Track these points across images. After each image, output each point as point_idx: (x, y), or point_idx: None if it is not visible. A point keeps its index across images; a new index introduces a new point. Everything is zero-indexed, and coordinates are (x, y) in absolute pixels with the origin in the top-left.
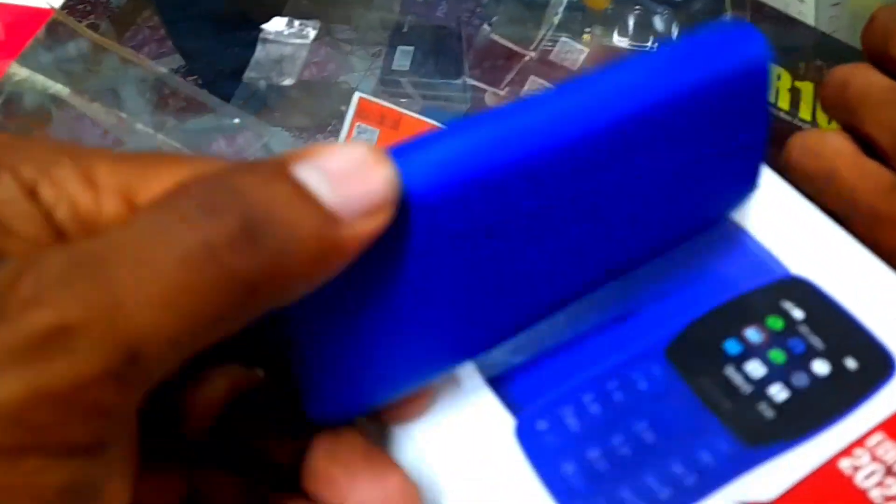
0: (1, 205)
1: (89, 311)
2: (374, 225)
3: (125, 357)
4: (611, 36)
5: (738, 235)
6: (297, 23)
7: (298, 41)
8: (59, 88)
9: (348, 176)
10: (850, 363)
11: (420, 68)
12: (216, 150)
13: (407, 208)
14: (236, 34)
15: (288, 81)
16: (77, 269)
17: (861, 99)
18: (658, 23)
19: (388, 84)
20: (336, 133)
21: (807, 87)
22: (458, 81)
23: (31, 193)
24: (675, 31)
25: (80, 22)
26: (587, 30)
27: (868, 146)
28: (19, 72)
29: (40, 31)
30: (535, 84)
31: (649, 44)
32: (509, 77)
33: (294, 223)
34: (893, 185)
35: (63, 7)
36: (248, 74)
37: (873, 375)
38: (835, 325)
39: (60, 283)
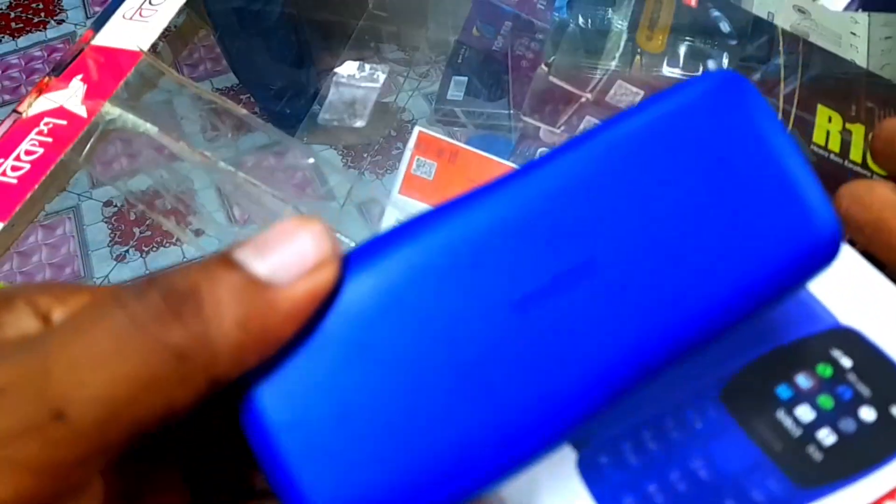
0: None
1: (18, 376)
2: (314, 285)
3: (49, 413)
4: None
5: None
6: (367, 67)
7: (369, 84)
8: (148, 127)
9: (275, 241)
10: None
11: (474, 99)
12: (266, 167)
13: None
14: (286, 53)
15: (359, 123)
16: (19, 346)
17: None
18: (711, 65)
19: (443, 113)
20: (385, 153)
21: (858, 130)
22: (506, 112)
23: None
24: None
25: (161, 33)
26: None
27: None
28: (111, 111)
29: (130, 73)
30: (590, 123)
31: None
32: (566, 117)
33: (218, 292)
34: None
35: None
36: (323, 116)
37: None
38: (882, 374)
39: (2, 356)
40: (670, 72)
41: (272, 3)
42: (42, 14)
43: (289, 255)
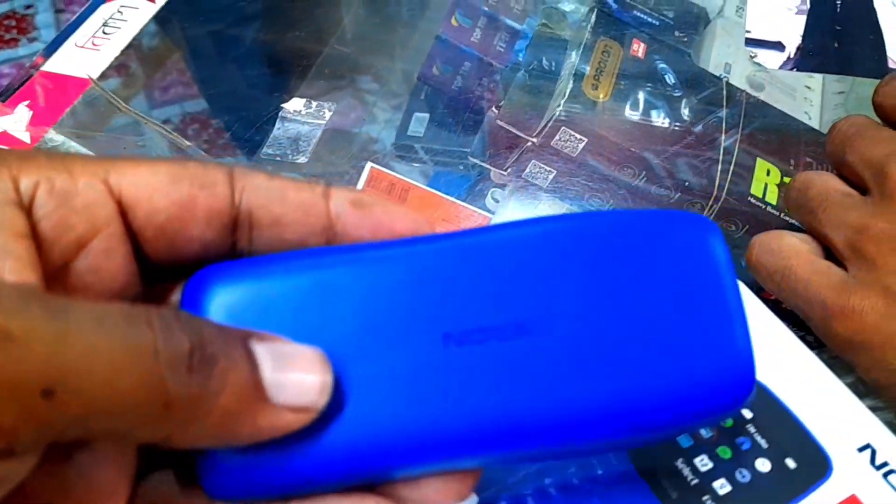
0: None
1: (34, 333)
2: (290, 423)
3: (41, 385)
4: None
5: None
6: (314, 103)
7: (315, 121)
8: (87, 154)
9: (293, 364)
10: (791, 463)
11: (434, 136)
12: None
13: None
14: (258, 80)
15: (302, 160)
16: (40, 300)
17: (819, 201)
18: (655, 115)
19: (402, 148)
20: (353, 182)
21: None
22: (467, 150)
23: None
24: (681, 114)
25: (111, 63)
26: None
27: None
28: (55, 138)
29: (77, 100)
30: (535, 167)
31: (655, 119)
32: (512, 159)
33: (228, 376)
34: (842, 281)
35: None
36: (265, 151)
37: (810, 475)
38: (780, 426)
39: (25, 302)
40: (630, 114)
41: (246, 29)
42: (14, 31)
43: (295, 385)
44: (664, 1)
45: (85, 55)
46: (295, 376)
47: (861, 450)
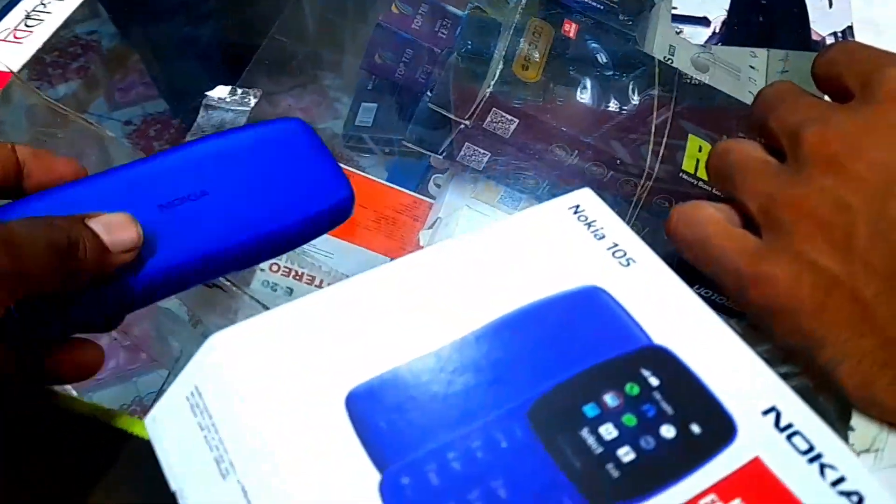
0: None
1: None
2: (125, 258)
3: None
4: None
5: (609, 304)
6: (239, 91)
7: (240, 108)
8: None
9: (116, 229)
10: (695, 428)
11: (383, 125)
12: None
13: None
14: (217, 78)
15: None
16: None
17: (737, 168)
18: (586, 95)
19: (352, 139)
20: None
21: None
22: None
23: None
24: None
25: (69, 64)
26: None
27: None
28: None
29: None
30: (470, 149)
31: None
32: (446, 143)
33: (85, 245)
34: (756, 249)
35: (44, 52)
36: (189, 139)
37: (715, 441)
38: (686, 392)
39: None
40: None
41: (202, 27)
42: None
43: (122, 239)
44: None
45: (6, 48)
46: (119, 234)
47: (766, 413)
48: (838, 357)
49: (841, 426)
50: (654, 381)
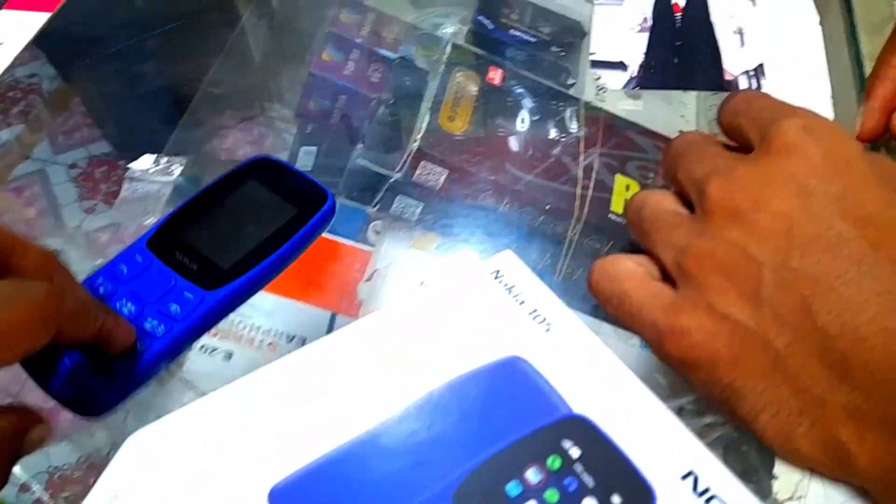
0: None
1: None
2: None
3: None
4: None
5: (530, 375)
6: (164, 160)
7: (164, 179)
8: None
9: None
10: (616, 499)
11: (324, 169)
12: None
13: None
14: (162, 117)
15: (150, 220)
16: None
17: (651, 220)
18: (512, 142)
19: None
20: None
21: None
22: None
23: None
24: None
25: (11, 108)
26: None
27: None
28: None
29: None
30: (402, 201)
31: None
32: (379, 196)
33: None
34: (672, 302)
35: None
36: (114, 214)
37: None
38: (606, 462)
39: None
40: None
41: (144, 66)
42: None
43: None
44: (539, 17)
45: None
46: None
47: (684, 477)
48: (757, 408)
49: (765, 475)
50: (574, 453)
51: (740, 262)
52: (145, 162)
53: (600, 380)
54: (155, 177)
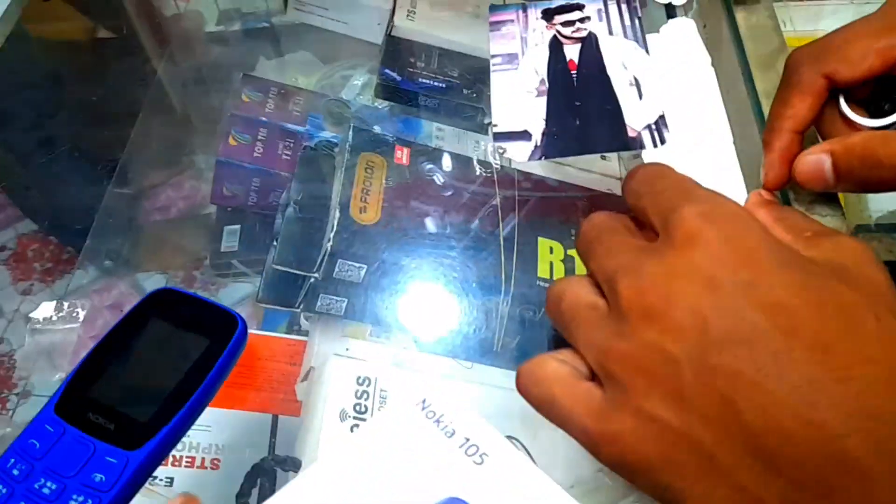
0: None
1: None
2: None
3: None
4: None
5: None
6: (66, 305)
7: (68, 326)
8: None
9: None
10: None
11: (249, 247)
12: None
13: None
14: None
15: (59, 376)
16: None
17: (570, 316)
18: (429, 223)
19: (220, 267)
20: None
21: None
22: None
23: None
24: None
25: None
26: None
27: None
28: None
29: None
30: (326, 299)
31: None
32: (301, 295)
33: None
34: (600, 407)
35: None
36: (19, 373)
37: None
38: None
39: None
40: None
41: (59, 136)
42: None
43: None
44: (445, 61)
45: None
46: None
47: None
48: None
49: None
50: None
51: (659, 362)
52: (45, 309)
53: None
54: (58, 325)
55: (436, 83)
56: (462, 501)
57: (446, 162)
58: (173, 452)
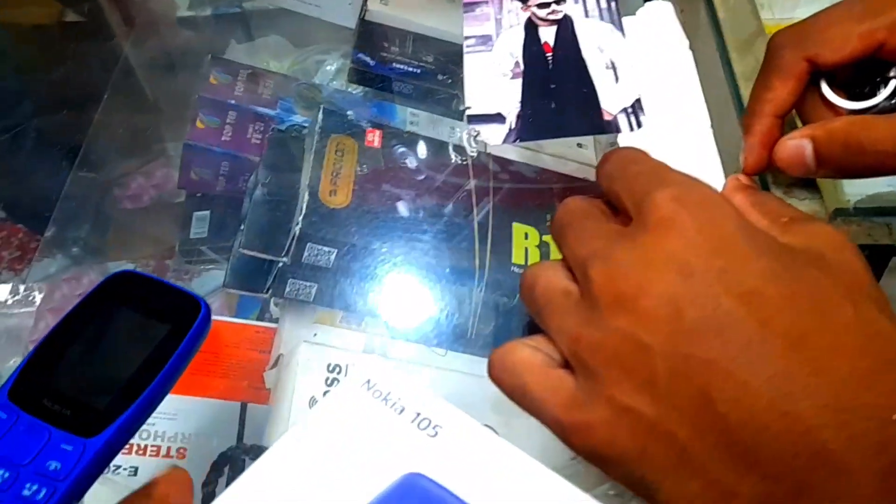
0: None
1: None
2: None
3: None
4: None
5: (429, 489)
6: (21, 288)
7: (24, 309)
8: None
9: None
10: None
11: (218, 233)
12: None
13: None
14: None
15: (13, 361)
16: None
17: (543, 302)
18: (401, 207)
19: (189, 254)
20: None
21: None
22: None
23: None
24: None
25: None
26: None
27: None
28: None
29: None
30: (295, 284)
31: None
32: (270, 280)
33: None
34: (572, 396)
35: None
36: None
37: None
38: None
39: None
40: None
41: (26, 123)
42: None
43: None
44: (420, 46)
45: None
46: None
47: None
48: (672, 502)
49: None
50: None
51: (632, 351)
52: (1, 292)
53: (497, 474)
54: (13, 308)
55: (410, 68)
56: (421, 476)
57: (420, 146)
58: (137, 441)
